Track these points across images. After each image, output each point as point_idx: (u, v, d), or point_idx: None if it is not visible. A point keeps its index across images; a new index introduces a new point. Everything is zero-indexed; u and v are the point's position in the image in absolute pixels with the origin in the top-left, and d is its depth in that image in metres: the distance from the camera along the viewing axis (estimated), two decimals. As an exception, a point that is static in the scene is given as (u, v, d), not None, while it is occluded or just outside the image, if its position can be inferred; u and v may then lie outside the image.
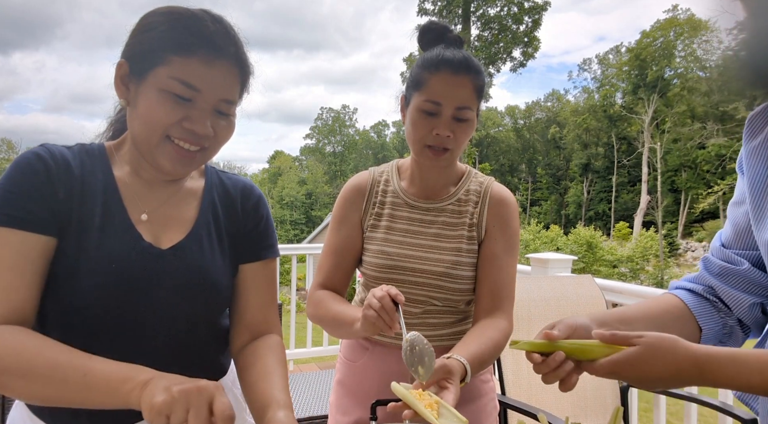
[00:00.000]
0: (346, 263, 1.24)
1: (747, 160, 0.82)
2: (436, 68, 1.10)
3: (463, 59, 1.10)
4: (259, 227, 0.97)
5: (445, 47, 1.14)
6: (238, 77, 0.84)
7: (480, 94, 1.13)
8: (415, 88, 1.14)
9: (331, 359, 4.53)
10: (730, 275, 0.86)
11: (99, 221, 0.81)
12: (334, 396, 1.30)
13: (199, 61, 0.78)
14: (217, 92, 0.81)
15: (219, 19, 0.82)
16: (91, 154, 0.85)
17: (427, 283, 1.17)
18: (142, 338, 0.83)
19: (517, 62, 27.72)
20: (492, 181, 1.26)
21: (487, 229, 1.20)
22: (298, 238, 49.56)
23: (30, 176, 0.77)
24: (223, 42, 0.80)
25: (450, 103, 1.09)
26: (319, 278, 1.24)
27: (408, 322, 1.19)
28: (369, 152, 62.05)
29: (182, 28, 0.78)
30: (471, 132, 1.14)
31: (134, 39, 0.82)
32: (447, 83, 1.09)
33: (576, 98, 48.35)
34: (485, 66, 21.29)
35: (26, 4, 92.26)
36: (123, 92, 0.82)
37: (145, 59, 0.79)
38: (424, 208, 1.23)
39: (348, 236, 1.24)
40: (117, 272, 0.79)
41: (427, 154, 1.14)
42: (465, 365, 0.98)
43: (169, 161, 0.81)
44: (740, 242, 0.86)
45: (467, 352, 1.01)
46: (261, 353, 0.91)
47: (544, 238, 24.11)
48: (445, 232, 1.20)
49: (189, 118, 0.79)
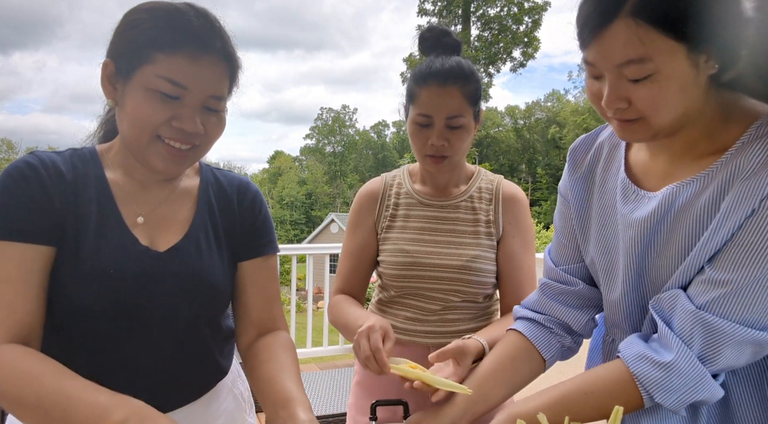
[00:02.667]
0: (363, 266, 1.28)
1: (572, 189, 0.94)
2: (424, 82, 1.13)
3: (450, 69, 1.12)
4: (256, 224, 0.96)
5: (438, 55, 1.16)
6: (226, 72, 0.82)
7: (473, 98, 1.15)
8: (409, 101, 1.18)
9: (330, 359, 4.52)
10: (567, 294, 0.96)
11: (94, 227, 0.79)
12: (353, 397, 1.32)
13: (184, 57, 0.76)
14: (205, 88, 0.79)
15: (203, 12, 0.79)
16: (83, 159, 0.84)
17: (446, 277, 1.19)
18: (142, 341, 0.82)
19: (517, 62, 27.74)
20: (501, 179, 1.30)
21: (504, 227, 1.24)
22: (298, 238, 49.60)
23: (24, 186, 0.75)
24: (209, 37, 0.78)
25: (440, 114, 1.12)
26: (337, 283, 1.29)
27: (427, 319, 1.22)
28: (369, 152, 62.08)
29: (165, 25, 0.76)
30: (467, 136, 1.16)
31: (118, 37, 0.80)
32: (435, 95, 1.12)
33: (576, 98, 48.42)
34: (485, 66, 21.21)
35: (26, 4, 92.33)
36: (110, 92, 0.81)
37: (130, 58, 0.77)
38: (439, 205, 1.25)
39: (363, 239, 1.27)
40: (115, 278, 0.78)
41: (429, 162, 1.17)
42: (483, 345, 1.03)
43: (160, 161, 0.80)
44: (567, 258, 0.98)
45: (488, 335, 1.07)
46: (275, 349, 0.89)
47: (544, 238, 24.12)
48: (461, 227, 1.23)
49: (178, 117, 0.78)
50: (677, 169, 0.78)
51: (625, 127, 0.74)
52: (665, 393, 0.72)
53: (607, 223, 0.88)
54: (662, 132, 0.73)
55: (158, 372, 0.84)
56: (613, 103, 0.71)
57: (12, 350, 0.70)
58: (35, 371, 0.68)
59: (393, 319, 1.25)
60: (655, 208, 0.77)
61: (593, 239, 0.91)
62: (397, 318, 1.25)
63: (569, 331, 0.97)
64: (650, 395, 0.73)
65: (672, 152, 0.79)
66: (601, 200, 0.90)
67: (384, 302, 1.29)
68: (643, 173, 0.84)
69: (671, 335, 0.74)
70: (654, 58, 0.65)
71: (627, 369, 0.76)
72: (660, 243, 0.78)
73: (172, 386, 0.86)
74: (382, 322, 1.00)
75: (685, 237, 0.75)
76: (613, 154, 0.90)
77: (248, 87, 0.90)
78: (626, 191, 0.83)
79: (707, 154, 0.75)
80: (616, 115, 0.73)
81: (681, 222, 0.75)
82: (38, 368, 0.69)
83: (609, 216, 0.87)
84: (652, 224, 0.78)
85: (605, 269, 0.88)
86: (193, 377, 0.90)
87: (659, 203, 0.77)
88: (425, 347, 1.22)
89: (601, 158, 0.91)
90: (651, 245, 0.79)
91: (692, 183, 0.74)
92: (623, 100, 0.71)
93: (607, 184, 0.89)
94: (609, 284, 0.88)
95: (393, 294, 1.25)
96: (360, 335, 0.97)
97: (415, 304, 1.23)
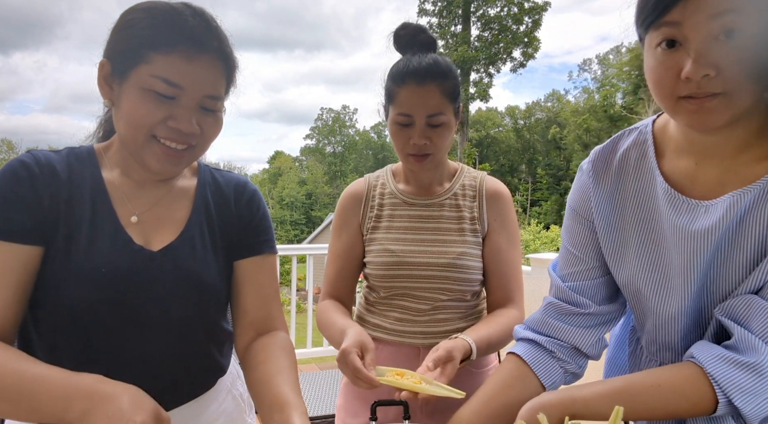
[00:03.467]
0: (350, 267, 1.27)
1: (597, 206, 0.88)
2: (402, 81, 1.12)
3: (427, 67, 1.11)
4: (253, 222, 0.95)
5: (414, 53, 1.15)
6: (223, 71, 0.82)
7: (452, 95, 1.14)
8: (388, 101, 1.17)
9: (331, 359, 4.52)
10: (576, 315, 0.91)
11: (88, 226, 0.79)
12: (342, 399, 1.30)
13: (180, 57, 0.76)
14: (200, 88, 0.79)
15: (200, 12, 0.79)
16: (80, 158, 0.84)
17: (434, 276, 1.19)
18: (137, 341, 0.82)
19: (517, 62, 27.73)
20: (485, 175, 1.29)
21: (489, 223, 1.23)
22: (299, 238, 49.57)
23: (13, 185, 0.75)
24: (205, 36, 0.78)
25: (420, 113, 1.11)
26: (325, 287, 1.29)
27: (416, 319, 1.22)
28: (369, 153, 62.09)
29: (161, 24, 0.76)
30: (449, 133, 1.16)
31: (115, 37, 0.80)
32: (414, 94, 1.11)
33: (576, 98, 48.40)
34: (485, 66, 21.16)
35: (26, 4, 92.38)
36: (107, 92, 0.81)
37: (126, 58, 0.77)
38: (423, 204, 1.24)
39: (349, 240, 1.27)
40: (107, 277, 0.78)
41: (411, 161, 1.17)
42: (470, 344, 1.03)
43: (156, 161, 0.80)
44: (578, 275, 0.92)
45: (475, 334, 1.07)
46: (272, 351, 0.88)
47: (544, 238, 24.07)
48: (446, 225, 1.22)
49: (173, 117, 0.78)
50: (732, 174, 0.74)
51: (701, 109, 0.66)
52: (747, 396, 0.66)
53: (652, 237, 0.82)
54: (737, 114, 0.67)
55: (153, 371, 0.83)
56: (701, 69, 0.63)
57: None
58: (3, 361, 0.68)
59: (382, 320, 1.25)
60: (719, 217, 0.72)
61: (633, 257, 0.85)
62: (386, 319, 1.24)
63: (575, 354, 0.92)
64: (728, 399, 0.67)
65: (723, 156, 0.75)
66: (639, 214, 0.84)
67: (372, 303, 1.29)
68: (688, 181, 0.78)
69: (752, 337, 0.69)
70: (747, 7, 0.58)
71: (702, 370, 0.70)
72: (725, 252, 0.74)
73: (169, 384, 0.86)
74: (355, 338, 1.00)
75: (755, 243, 0.71)
76: (642, 164, 0.84)
77: (248, 87, 0.90)
78: (674, 202, 0.78)
79: (762, 158, 0.72)
80: (698, 90, 0.65)
81: (748, 228, 0.72)
82: (3, 357, 0.68)
83: (653, 230, 0.82)
84: (718, 233, 0.73)
85: (655, 287, 0.83)
86: (190, 375, 0.90)
87: (724, 212, 0.72)
88: (415, 348, 1.22)
89: (630, 169, 0.85)
90: (716, 255, 0.75)
91: (755, 188, 0.70)
92: (711, 66, 0.63)
93: (643, 196, 0.84)
94: (660, 301, 0.83)
95: (381, 295, 1.25)
96: (339, 362, 0.99)
97: (403, 304, 1.22)
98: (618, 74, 39.00)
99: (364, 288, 1.34)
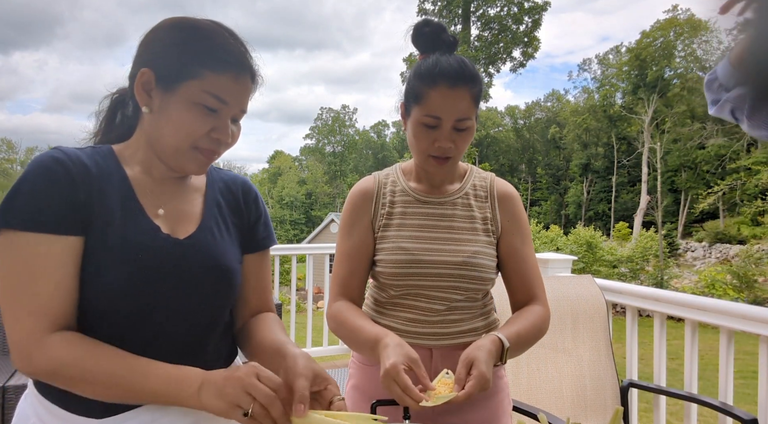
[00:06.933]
0: (361, 267, 1.24)
1: None
2: (434, 82, 1.09)
3: (458, 69, 1.10)
4: (260, 220, 1.04)
5: (441, 54, 1.14)
6: (253, 88, 0.92)
7: (478, 100, 1.14)
8: (414, 100, 1.14)
9: (330, 359, 4.53)
10: None
11: (120, 216, 0.85)
12: (350, 401, 1.28)
13: (229, 77, 0.85)
14: (238, 104, 0.89)
15: (235, 35, 0.89)
16: (103, 155, 0.89)
17: (448, 274, 1.18)
18: (167, 324, 0.87)
19: (517, 62, 27.74)
20: (494, 176, 1.30)
21: (502, 224, 1.24)
22: (298, 238, 49.58)
23: (52, 180, 0.79)
24: (248, 60, 0.89)
25: (450, 116, 1.10)
26: (335, 288, 1.25)
27: (429, 320, 1.20)
28: (369, 152, 62.05)
29: (216, 47, 0.85)
30: (471, 137, 1.16)
31: (159, 50, 0.86)
32: (445, 97, 1.09)
33: (576, 98, 48.38)
34: (485, 66, 21.20)
35: (26, 4, 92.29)
36: (145, 100, 0.86)
37: (176, 72, 0.84)
38: (436, 202, 1.24)
39: (360, 239, 1.24)
40: (142, 262, 0.83)
41: (431, 162, 1.16)
42: (497, 336, 1.06)
43: (196, 166, 0.89)
44: None
45: (502, 329, 1.10)
46: (262, 319, 1.01)
47: (544, 238, 24.09)
48: (459, 224, 1.22)
49: (216, 129, 0.87)
50: None
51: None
52: None
53: None
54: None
55: (180, 350, 0.89)
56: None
57: (64, 336, 0.78)
58: (101, 352, 0.78)
59: (392, 321, 1.23)
60: None
61: None
62: (396, 320, 1.22)
63: None
64: None
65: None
66: None
67: (381, 304, 1.26)
68: None
69: None
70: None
71: None
72: None
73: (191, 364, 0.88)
74: (400, 352, 0.99)
75: None
76: None
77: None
78: None
79: None
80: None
81: None
82: (101, 349, 0.79)
83: None
84: None
85: None
86: (212, 357, 0.97)
87: None
88: (427, 350, 1.20)
89: None
90: None
91: None
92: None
93: None
94: None
95: (392, 294, 1.22)
96: (385, 378, 0.96)
97: (416, 305, 1.20)
98: (617, 74, 39.01)
99: (371, 288, 1.32)
